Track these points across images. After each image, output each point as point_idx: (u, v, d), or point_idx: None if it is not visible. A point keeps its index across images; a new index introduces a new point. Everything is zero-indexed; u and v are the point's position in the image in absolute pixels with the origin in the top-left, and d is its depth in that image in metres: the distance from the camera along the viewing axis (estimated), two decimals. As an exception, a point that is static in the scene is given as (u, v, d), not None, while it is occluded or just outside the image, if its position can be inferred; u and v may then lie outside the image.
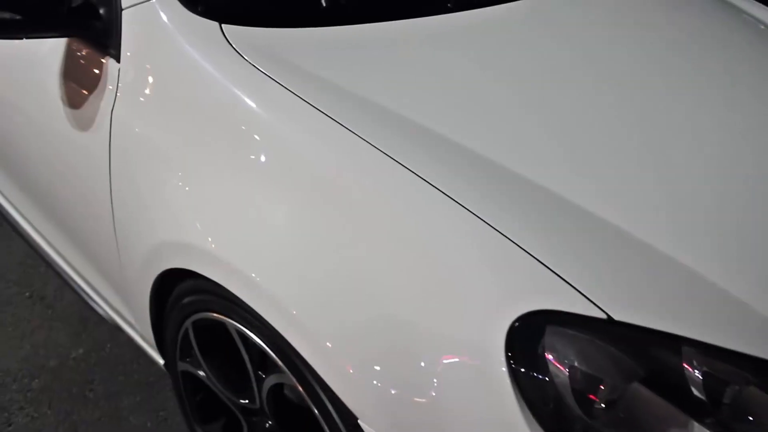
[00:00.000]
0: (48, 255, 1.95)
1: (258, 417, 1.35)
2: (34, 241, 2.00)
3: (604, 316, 0.91)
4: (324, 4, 1.43)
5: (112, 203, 1.40)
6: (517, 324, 0.91)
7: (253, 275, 1.09)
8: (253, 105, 1.18)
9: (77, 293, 1.88)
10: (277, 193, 1.12)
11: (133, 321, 1.61)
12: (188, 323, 1.33)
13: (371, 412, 1.01)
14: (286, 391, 1.23)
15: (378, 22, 1.38)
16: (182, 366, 1.44)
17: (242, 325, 1.18)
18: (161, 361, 1.60)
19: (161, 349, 1.55)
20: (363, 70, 1.28)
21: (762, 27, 1.82)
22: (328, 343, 1.03)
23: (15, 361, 1.93)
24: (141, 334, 1.61)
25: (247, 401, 1.32)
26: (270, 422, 1.31)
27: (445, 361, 0.95)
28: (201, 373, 1.39)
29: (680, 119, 1.31)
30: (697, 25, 1.70)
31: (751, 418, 0.94)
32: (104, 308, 1.76)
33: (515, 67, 1.35)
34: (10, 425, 1.75)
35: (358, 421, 1.03)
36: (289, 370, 1.12)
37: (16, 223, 2.08)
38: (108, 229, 1.45)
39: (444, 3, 1.49)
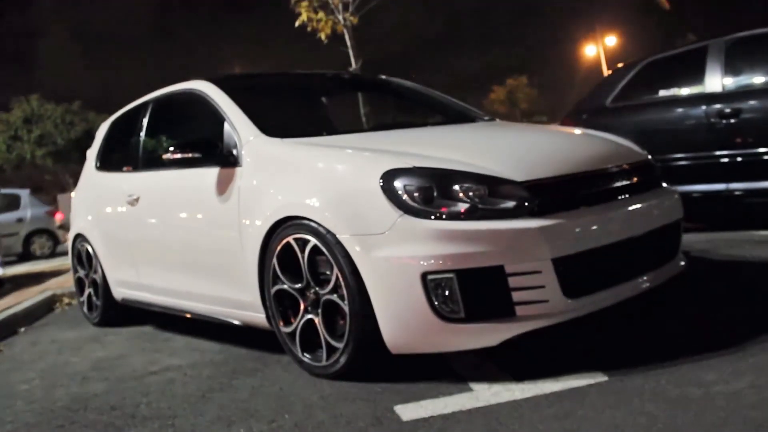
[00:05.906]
0: (191, 308, 3.67)
1: (306, 293, 2.94)
2: (180, 305, 3.75)
3: (411, 166, 2.63)
4: (322, 126, 3.35)
5: (239, 223, 3.17)
6: (381, 178, 2.63)
7: (309, 203, 2.83)
8: (290, 152, 3.06)
9: (215, 319, 3.55)
10: (308, 176, 2.91)
11: (247, 299, 3.23)
12: (274, 260, 3.00)
13: (345, 231, 2.67)
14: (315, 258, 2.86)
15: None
16: (273, 288, 3.05)
17: (298, 233, 2.87)
18: (262, 315, 3.19)
19: (263, 303, 3.16)
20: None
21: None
22: (327, 213, 2.73)
23: (184, 363, 3.51)
24: (253, 306, 3.22)
25: (300, 284, 2.93)
26: (312, 290, 2.89)
27: (364, 197, 2.65)
28: (284, 286, 3.00)
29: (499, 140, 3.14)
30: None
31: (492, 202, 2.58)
32: (233, 312, 3.41)
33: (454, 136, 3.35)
34: (199, 378, 3.29)
35: (337, 236, 2.67)
36: (315, 238, 2.78)
37: (168, 304, 3.88)
38: (235, 241, 3.22)
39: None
